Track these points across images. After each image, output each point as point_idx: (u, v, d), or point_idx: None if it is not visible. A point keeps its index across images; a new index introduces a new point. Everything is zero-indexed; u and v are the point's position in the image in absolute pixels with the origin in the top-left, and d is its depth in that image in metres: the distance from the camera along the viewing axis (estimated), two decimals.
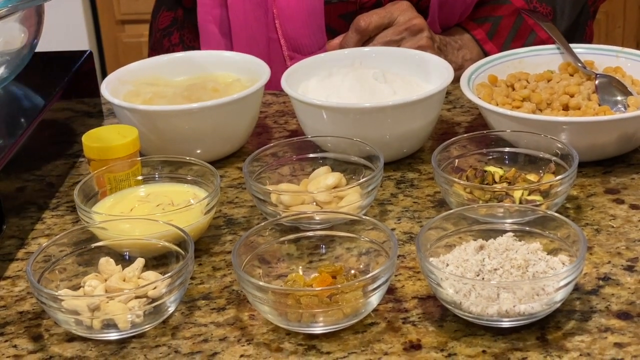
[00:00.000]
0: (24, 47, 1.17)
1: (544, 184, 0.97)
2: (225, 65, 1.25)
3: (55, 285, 0.90)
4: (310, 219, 0.95)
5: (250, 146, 1.20)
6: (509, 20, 1.37)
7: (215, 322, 0.88)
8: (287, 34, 1.34)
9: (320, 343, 0.84)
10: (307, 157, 1.08)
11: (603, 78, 1.17)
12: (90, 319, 0.84)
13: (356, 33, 1.29)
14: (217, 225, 1.03)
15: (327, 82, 1.17)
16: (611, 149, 1.08)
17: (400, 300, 0.89)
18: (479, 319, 0.83)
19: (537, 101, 1.14)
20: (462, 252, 0.88)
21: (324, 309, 0.83)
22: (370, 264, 0.91)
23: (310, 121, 1.13)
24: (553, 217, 0.89)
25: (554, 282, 0.82)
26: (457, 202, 0.98)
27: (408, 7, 1.31)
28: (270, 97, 1.34)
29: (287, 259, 0.93)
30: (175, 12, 1.47)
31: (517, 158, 1.05)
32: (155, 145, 1.13)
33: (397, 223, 1.02)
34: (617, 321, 0.84)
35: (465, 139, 1.06)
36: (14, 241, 1.02)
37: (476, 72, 1.18)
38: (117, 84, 1.19)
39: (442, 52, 1.33)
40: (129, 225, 0.95)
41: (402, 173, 1.12)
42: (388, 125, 1.09)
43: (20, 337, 0.88)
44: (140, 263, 0.91)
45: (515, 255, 0.86)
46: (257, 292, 0.84)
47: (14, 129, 1.07)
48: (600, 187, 1.06)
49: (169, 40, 1.46)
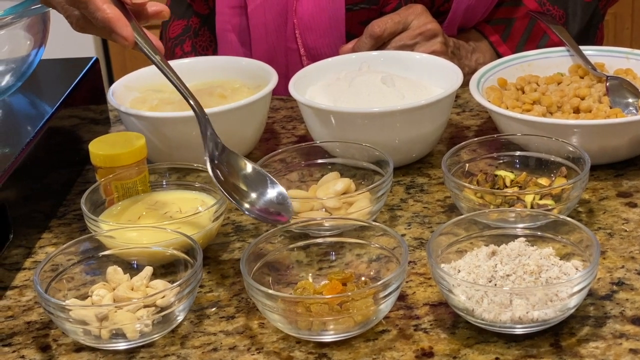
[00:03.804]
0: (29, 54, 1.17)
1: (556, 188, 0.96)
2: (232, 71, 1.24)
3: (63, 295, 0.89)
4: (319, 225, 0.94)
5: (259, 152, 1.19)
6: (522, 22, 1.37)
7: (224, 330, 0.87)
8: (307, 44, 1.34)
9: (331, 351, 0.83)
10: (316, 163, 1.07)
11: (614, 80, 1.16)
12: (99, 328, 0.84)
13: (370, 39, 1.28)
14: (225, 233, 1.03)
15: (335, 86, 1.16)
16: (623, 151, 1.07)
17: (412, 307, 0.88)
18: (492, 326, 0.82)
19: (547, 104, 1.13)
20: (473, 257, 0.87)
21: (335, 317, 0.82)
22: (380, 271, 0.90)
23: (318, 126, 1.12)
24: (565, 221, 0.89)
25: (568, 288, 0.81)
26: (467, 207, 0.98)
27: (423, 11, 1.30)
28: (278, 102, 1.33)
29: (296, 266, 0.92)
30: (188, 20, 1.46)
31: (528, 162, 1.04)
32: (163, 152, 1.13)
33: (407, 229, 1.01)
34: (632, 327, 0.83)
35: (475, 143, 1.05)
36: (21, 250, 1.01)
37: (485, 76, 1.18)
38: (124, 91, 1.19)
39: (456, 56, 1.33)
40: (136, 234, 0.95)
41: (411, 178, 1.11)
42: (397, 130, 1.08)
43: (28, 348, 0.87)
44: (149, 272, 0.90)
45: (528, 261, 0.85)
46: (267, 300, 0.83)
47: (20, 136, 1.07)
48: (613, 190, 1.05)
49: (182, 49, 1.46)
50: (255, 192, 0.90)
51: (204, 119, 0.95)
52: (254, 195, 0.90)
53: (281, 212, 0.90)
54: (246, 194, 0.89)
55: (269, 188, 0.91)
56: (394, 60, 1.22)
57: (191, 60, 1.28)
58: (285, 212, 0.90)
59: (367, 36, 1.29)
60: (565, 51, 1.23)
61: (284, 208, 0.90)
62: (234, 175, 0.90)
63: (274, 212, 0.90)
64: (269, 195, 0.90)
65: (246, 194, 0.90)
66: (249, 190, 0.90)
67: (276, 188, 0.91)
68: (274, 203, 0.90)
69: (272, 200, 0.90)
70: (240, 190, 0.89)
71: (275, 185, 0.91)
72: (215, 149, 0.93)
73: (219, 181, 0.90)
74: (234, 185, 0.89)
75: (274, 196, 0.90)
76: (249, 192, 0.90)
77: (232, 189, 0.89)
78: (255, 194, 0.90)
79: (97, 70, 1.29)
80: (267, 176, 0.92)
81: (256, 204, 0.89)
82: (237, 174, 0.91)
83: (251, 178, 0.91)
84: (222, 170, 0.91)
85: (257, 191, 0.90)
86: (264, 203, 0.90)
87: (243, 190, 0.90)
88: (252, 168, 0.92)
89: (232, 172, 0.91)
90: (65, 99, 1.18)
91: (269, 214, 0.90)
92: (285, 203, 0.90)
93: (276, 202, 0.90)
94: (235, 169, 0.91)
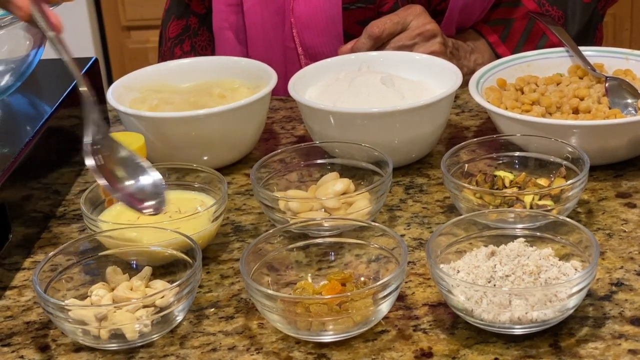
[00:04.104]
0: (29, 54, 1.17)
1: (555, 189, 0.96)
2: (232, 71, 1.24)
3: (62, 295, 0.89)
4: (318, 225, 0.94)
5: (258, 152, 1.19)
6: (521, 23, 1.37)
7: (223, 331, 0.87)
8: (305, 42, 1.34)
9: (330, 352, 0.83)
10: (315, 163, 1.07)
11: (613, 81, 1.16)
12: (98, 329, 0.84)
13: (369, 39, 1.28)
14: (224, 233, 1.03)
15: (335, 87, 1.16)
16: (622, 152, 1.07)
17: (411, 307, 0.88)
18: (491, 326, 0.82)
19: (546, 105, 1.13)
20: (473, 258, 0.87)
21: (334, 317, 0.82)
22: (380, 271, 0.90)
23: (317, 127, 1.12)
24: (564, 222, 0.89)
25: (567, 289, 0.81)
26: (467, 207, 0.98)
27: (421, 11, 1.30)
28: (277, 102, 1.33)
29: (295, 266, 0.92)
30: (187, 20, 1.46)
31: (527, 162, 1.04)
32: (162, 153, 1.13)
33: (406, 229, 1.01)
34: (631, 327, 0.83)
35: (474, 144, 1.05)
36: (20, 250, 1.01)
37: (485, 76, 1.17)
38: (123, 91, 1.19)
39: (455, 56, 1.33)
40: (136, 234, 0.94)
41: (411, 178, 1.11)
42: (396, 130, 1.08)
43: (27, 348, 0.87)
44: (148, 272, 0.90)
45: (527, 262, 0.85)
46: (266, 301, 0.83)
47: (19, 136, 1.07)
48: (612, 191, 1.05)
49: (181, 49, 1.46)
50: (131, 180, 0.90)
51: (90, 101, 0.94)
52: (128, 182, 0.90)
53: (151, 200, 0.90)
54: (121, 180, 0.90)
55: (145, 176, 0.91)
56: (393, 61, 1.22)
57: (191, 60, 1.28)
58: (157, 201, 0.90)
59: (366, 37, 1.29)
60: (564, 52, 1.23)
61: (157, 197, 0.90)
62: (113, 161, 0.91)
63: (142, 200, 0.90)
64: (142, 183, 0.91)
65: (121, 180, 0.90)
66: (127, 176, 0.90)
67: (153, 176, 0.91)
68: (149, 192, 0.91)
69: (145, 188, 0.91)
70: (117, 176, 0.90)
71: (152, 174, 0.91)
72: (98, 134, 0.93)
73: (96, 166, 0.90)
74: (111, 171, 0.90)
75: (149, 183, 0.91)
76: (124, 179, 0.90)
77: (109, 175, 0.90)
78: (131, 181, 0.90)
79: (97, 70, 1.29)
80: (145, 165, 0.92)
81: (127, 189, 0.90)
82: (116, 160, 0.92)
83: (130, 165, 0.92)
84: (102, 154, 0.91)
85: (134, 179, 0.90)
86: (136, 190, 0.90)
87: (119, 177, 0.90)
88: (130, 156, 0.93)
89: (111, 158, 0.92)
90: (65, 99, 1.18)
91: (138, 202, 0.90)
92: (159, 192, 0.91)
93: (151, 192, 0.91)
94: (115, 155, 0.92)
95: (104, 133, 0.93)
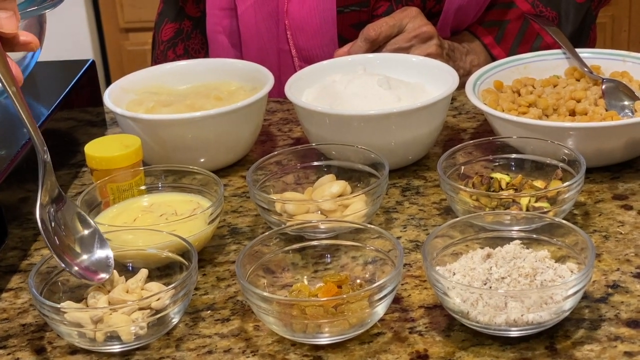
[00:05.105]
0: (26, 56, 1.16)
1: (551, 191, 0.96)
2: (229, 73, 1.24)
3: (58, 297, 0.89)
4: (315, 227, 0.94)
5: (254, 154, 1.19)
6: (515, 24, 1.37)
7: (219, 333, 0.87)
8: (299, 45, 1.34)
9: (326, 354, 0.83)
10: (312, 165, 1.07)
11: (610, 83, 1.16)
12: (94, 331, 0.84)
13: (366, 42, 1.28)
14: (221, 235, 1.03)
15: (331, 89, 1.16)
16: (619, 154, 1.07)
17: (407, 309, 0.88)
18: (487, 329, 0.82)
19: (543, 107, 1.13)
20: (468, 260, 0.87)
21: (330, 319, 0.82)
22: (376, 273, 0.90)
23: (314, 129, 1.12)
24: (561, 224, 0.89)
25: (563, 291, 0.81)
26: (463, 209, 0.97)
27: (417, 13, 1.30)
28: (274, 104, 1.33)
29: (292, 268, 0.92)
30: (180, 23, 1.46)
31: (523, 164, 1.04)
32: (159, 155, 1.13)
33: (402, 231, 1.01)
34: (627, 329, 0.83)
35: (471, 146, 1.05)
36: (16, 252, 1.01)
37: (481, 78, 1.17)
38: (120, 93, 1.19)
39: (451, 58, 1.33)
40: (132, 236, 0.94)
41: (407, 180, 1.11)
42: (393, 132, 1.08)
43: (23, 350, 0.87)
44: (144, 274, 0.90)
45: (523, 264, 0.85)
46: (262, 303, 0.83)
47: (16, 139, 1.07)
48: (608, 193, 1.05)
49: (174, 52, 1.46)
50: (86, 254, 0.88)
51: (44, 164, 0.89)
52: (84, 257, 0.88)
53: (99, 271, 0.88)
54: (77, 255, 0.87)
55: (99, 249, 0.89)
56: (390, 63, 1.22)
57: (188, 63, 1.28)
58: (103, 271, 0.88)
59: (363, 39, 1.29)
60: (561, 54, 1.24)
61: (105, 269, 0.88)
62: (68, 235, 0.88)
63: (94, 271, 0.88)
64: (97, 256, 0.88)
65: (77, 254, 0.87)
66: (81, 250, 0.88)
67: (105, 251, 0.89)
68: (101, 264, 0.88)
69: (98, 261, 0.88)
70: (71, 248, 0.87)
71: (104, 248, 0.89)
72: (52, 203, 0.88)
73: (50, 242, 0.86)
74: (68, 245, 0.87)
75: (102, 257, 0.88)
76: (80, 253, 0.88)
77: (63, 248, 0.86)
78: (86, 255, 0.88)
79: (94, 72, 1.29)
80: (100, 236, 0.89)
81: (82, 264, 0.87)
82: (71, 233, 0.88)
83: (85, 238, 0.89)
84: (56, 225, 0.87)
85: (88, 252, 0.88)
86: (90, 263, 0.88)
87: (74, 250, 0.87)
88: (88, 228, 0.89)
89: (67, 233, 0.88)
90: (62, 101, 1.18)
91: (90, 272, 0.88)
92: (108, 264, 0.88)
93: (104, 264, 0.88)
94: (70, 226, 0.88)
95: (57, 195, 0.88)
